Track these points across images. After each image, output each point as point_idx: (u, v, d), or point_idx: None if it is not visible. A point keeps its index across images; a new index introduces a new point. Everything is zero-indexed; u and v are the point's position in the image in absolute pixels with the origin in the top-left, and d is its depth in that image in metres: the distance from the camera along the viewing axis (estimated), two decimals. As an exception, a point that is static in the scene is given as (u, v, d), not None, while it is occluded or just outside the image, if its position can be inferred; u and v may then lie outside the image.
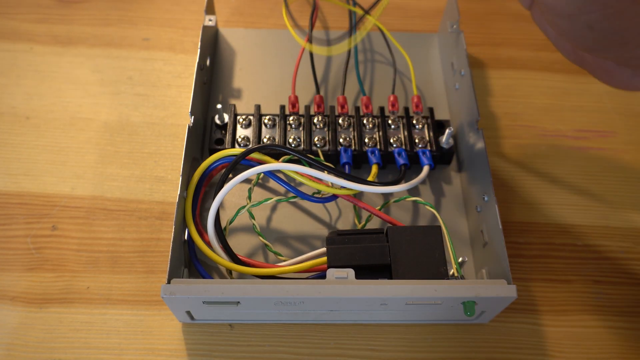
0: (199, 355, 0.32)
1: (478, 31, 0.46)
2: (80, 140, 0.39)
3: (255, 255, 0.35)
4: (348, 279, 0.29)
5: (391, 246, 0.31)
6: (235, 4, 0.47)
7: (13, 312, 0.33)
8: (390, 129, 0.38)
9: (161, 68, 0.43)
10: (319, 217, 0.36)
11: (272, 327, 0.33)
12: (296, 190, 0.34)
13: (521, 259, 0.36)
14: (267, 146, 0.34)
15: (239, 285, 0.28)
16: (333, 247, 0.31)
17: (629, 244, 0.37)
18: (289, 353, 0.32)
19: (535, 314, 0.34)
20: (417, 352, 0.32)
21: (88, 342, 0.32)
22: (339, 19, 0.46)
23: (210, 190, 0.37)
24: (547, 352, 0.33)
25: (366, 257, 0.30)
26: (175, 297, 0.28)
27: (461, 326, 0.33)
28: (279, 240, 0.35)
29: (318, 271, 0.32)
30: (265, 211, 0.36)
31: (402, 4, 0.48)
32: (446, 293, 0.28)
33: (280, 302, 0.29)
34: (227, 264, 0.31)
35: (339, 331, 0.33)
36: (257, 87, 0.42)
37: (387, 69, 0.43)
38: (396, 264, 0.30)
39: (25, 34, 0.44)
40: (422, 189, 0.38)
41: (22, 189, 0.37)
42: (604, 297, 0.35)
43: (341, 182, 0.32)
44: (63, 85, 0.42)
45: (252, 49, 0.44)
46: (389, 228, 0.31)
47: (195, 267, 0.33)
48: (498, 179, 0.39)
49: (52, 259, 0.34)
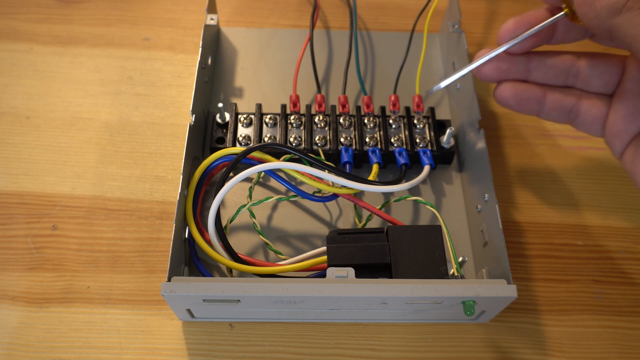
0: (199, 354, 0.32)
1: (479, 31, 0.46)
2: (80, 140, 0.39)
3: (255, 253, 0.35)
4: (348, 278, 0.29)
5: (391, 245, 0.31)
6: (237, 3, 0.47)
7: (14, 311, 0.33)
8: (391, 129, 0.38)
9: (161, 68, 0.43)
10: (320, 216, 0.36)
11: (272, 326, 0.33)
12: (297, 189, 0.34)
13: (521, 259, 0.36)
14: (268, 145, 0.34)
15: (239, 283, 0.28)
16: (333, 246, 0.31)
17: (629, 244, 0.37)
18: (289, 352, 0.32)
19: (535, 313, 0.34)
20: (417, 352, 0.32)
21: (88, 341, 0.32)
22: (339, 19, 0.46)
23: (211, 188, 0.37)
24: (547, 352, 0.33)
25: (366, 256, 0.30)
26: (176, 295, 0.28)
27: (461, 326, 0.33)
28: (280, 239, 0.35)
29: (318, 270, 0.32)
30: (266, 210, 0.36)
31: (402, 4, 0.48)
32: (446, 293, 0.28)
33: (281, 301, 0.29)
34: (228, 263, 0.31)
35: (339, 330, 0.33)
36: (259, 86, 0.42)
37: (388, 68, 0.43)
38: (396, 264, 0.30)
39: (26, 34, 0.44)
40: (423, 189, 0.38)
41: (23, 189, 0.37)
42: (604, 297, 0.35)
43: (342, 181, 0.32)
44: (63, 85, 0.42)
45: (254, 48, 0.44)
46: (389, 227, 0.31)
47: (196, 265, 0.33)
48: (498, 179, 0.39)
49: (52, 258, 0.34)
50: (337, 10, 0.47)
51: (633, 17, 0.25)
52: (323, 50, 0.44)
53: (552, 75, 0.32)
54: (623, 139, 0.30)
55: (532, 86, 0.32)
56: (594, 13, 0.27)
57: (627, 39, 0.26)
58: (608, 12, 0.26)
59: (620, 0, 0.26)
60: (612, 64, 0.31)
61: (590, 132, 0.32)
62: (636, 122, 0.29)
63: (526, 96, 0.32)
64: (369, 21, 0.46)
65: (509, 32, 0.31)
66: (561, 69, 0.32)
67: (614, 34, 0.27)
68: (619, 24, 0.26)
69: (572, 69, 0.32)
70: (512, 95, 0.32)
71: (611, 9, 0.26)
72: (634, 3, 0.25)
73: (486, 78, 0.33)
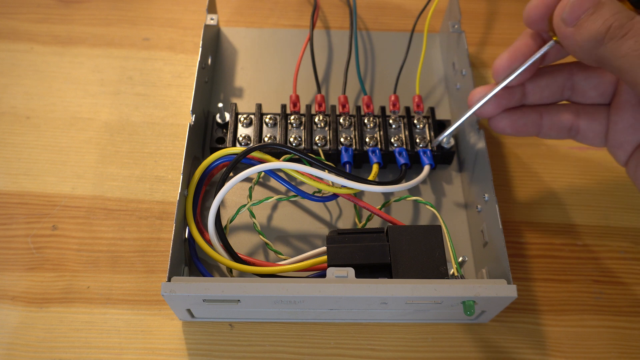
0: (199, 354, 0.32)
1: (479, 31, 0.46)
2: (80, 140, 0.39)
3: (255, 253, 0.35)
4: (348, 278, 0.29)
5: (391, 245, 0.31)
6: (237, 3, 0.47)
7: (14, 311, 0.33)
8: (391, 129, 0.38)
9: (161, 68, 0.43)
10: (320, 216, 0.36)
11: (272, 326, 0.33)
12: (297, 189, 0.34)
13: (521, 259, 0.36)
14: (268, 145, 0.34)
15: (239, 283, 0.28)
16: (333, 246, 0.31)
17: (629, 244, 0.37)
18: (289, 352, 0.32)
19: (535, 313, 0.34)
20: (417, 352, 0.32)
21: (88, 341, 0.32)
22: (339, 19, 0.46)
23: (211, 188, 0.37)
24: (547, 352, 0.33)
25: (366, 256, 0.30)
26: (176, 295, 0.28)
27: (461, 326, 0.33)
28: (280, 239, 0.35)
29: (318, 270, 0.32)
30: (266, 210, 0.36)
31: (402, 4, 0.48)
32: (446, 292, 0.28)
33: (281, 301, 0.29)
34: (228, 263, 0.31)
35: (339, 330, 0.33)
36: (259, 86, 0.42)
37: (388, 68, 0.43)
38: (396, 264, 0.30)
39: (26, 34, 0.44)
40: (423, 189, 0.38)
41: (23, 189, 0.37)
42: (604, 297, 0.35)
43: (342, 181, 0.32)
44: (63, 85, 0.42)
45: (254, 48, 0.44)
46: (389, 227, 0.31)
47: (196, 265, 0.33)
48: (498, 179, 0.39)
49: (52, 258, 0.34)
50: (337, 10, 0.47)
51: (616, 48, 0.25)
52: (323, 50, 0.44)
53: (548, 95, 0.32)
54: (626, 149, 0.30)
55: (527, 111, 0.32)
56: (577, 46, 0.26)
57: (614, 70, 0.26)
58: (590, 44, 0.26)
59: (600, 31, 0.25)
60: (606, 74, 0.31)
61: (593, 144, 0.32)
62: (637, 132, 0.29)
63: (523, 122, 0.32)
64: (369, 21, 0.46)
65: (504, 69, 0.30)
66: (556, 87, 0.32)
67: (601, 63, 0.26)
68: (603, 55, 0.26)
69: (567, 84, 0.32)
70: (508, 124, 0.32)
71: (593, 41, 0.26)
72: (615, 32, 0.25)
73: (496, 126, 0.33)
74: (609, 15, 0.25)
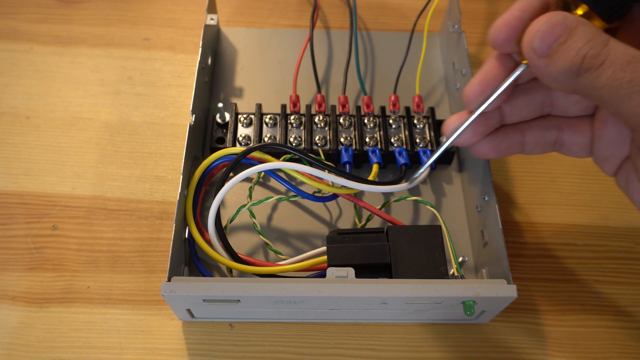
0: (199, 354, 0.32)
1: (479, 31, 0.46)
2: (80, 140, 0.39)
3: (255, 253, 0.35)
4: (348, 278, 0.29)
5: (391, 245, 0.31)
6: (237, 3, 0.47)
7: (14, 311, 0.33)
8: (391, 129, 0.38)
9: (161, 68, 0.43)
10: (320, 216, 0.36)
11: (272, 326, 0.33)
12: (297, 189, 0.34)
13: (521, 259, 0.36)
14: (268, 145, 0.34)
15: (239, 283, 0.28)
16: (333, 246, 0.31)
17: (629, 244, 0.37)
18: (289, 352, 0.32)
19: (535, 313, 0.34)
20: (417, 352, 0.32)
21: (88, 341, 0.32)
22: (339, 19, 0.46)
23: (211, 189, 0.37)
24: (547, 352, 0.33)
25: (366, 256, 0.30)
26: (176, 295, 0.28)
27: (461, 326, 0.33)
28: (280, 239, 0.35)
29: (318, 270, 0.32)
30: (266, 210, 0.36)
31: (402, 4, 0.48)
32: (446, 293, 0.28)
33: (281, 301, 0.29)
34: (228, 263, 0.31)
35: (339, 330, 0.33)
36: (259, 86, 0.42)
37: (388, 68, 0.43)
38: (396, 264, 0.30)
39: (26, 34, 0.44)
40: (423, 189, 0.38)
41: (23, 189, 0.37)
42: (604, 297, 0.35)
43: (342, 181, 0.32)
44: (63, 85, 0.42)
45: (254, 48, 0.44)
46: (389, 227, 0.31)
47: (196, 265, 0.33)
48: (498, 179, 0.39)
49: (52, 258, 0.34)
50: (337, 10, 0.47)
51: (594, 79, 0.23)
52: (323, 50, 0.44)
53: (527, 114, 0.30)
54: (613, 163, 0.29)
55: (508, 131, 0.31)
56: (551, 78, 0.25)
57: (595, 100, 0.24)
58: (565, 75, 0.24)
59: (575, 62, 0.23)
60: None
61: (579, 156, 0.31)
62: (622, 147, 0.28)
63: (505, 145, 0.30)
64: (369, 21, 0.46)
65: (477, 95, 0.28)
66: (535, 105, 0.30)
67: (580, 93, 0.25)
68: (581, 85, 0.24)
69: (546, 101, 0.30)
70: (490, 149, 0.31)
71: (567, 72, 0.24)
72: (590, 62, 0.23)
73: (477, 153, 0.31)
74: (582, 43, 0.23)
